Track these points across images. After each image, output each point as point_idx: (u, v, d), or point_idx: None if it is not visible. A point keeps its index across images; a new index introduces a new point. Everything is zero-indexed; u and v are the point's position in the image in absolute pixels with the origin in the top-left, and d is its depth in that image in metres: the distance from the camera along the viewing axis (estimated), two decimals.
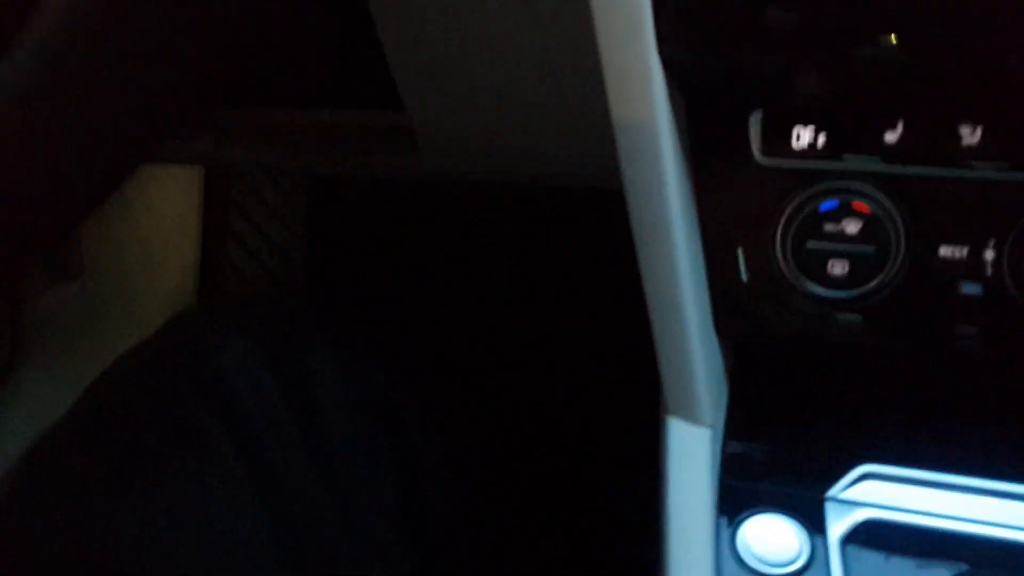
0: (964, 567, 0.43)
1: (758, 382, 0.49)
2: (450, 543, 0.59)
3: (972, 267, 0.43)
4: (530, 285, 1.12)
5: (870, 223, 0.43)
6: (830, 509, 0.45)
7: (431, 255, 1.19)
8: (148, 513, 0.47)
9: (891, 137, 0.43)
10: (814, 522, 0.44)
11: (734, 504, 0.45)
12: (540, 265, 1.12)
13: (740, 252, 0.46)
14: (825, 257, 0.44)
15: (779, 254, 0.45)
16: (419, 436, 0.56)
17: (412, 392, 0.57)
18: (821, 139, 0.44)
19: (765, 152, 0.45)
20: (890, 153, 0.43)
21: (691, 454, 0.46)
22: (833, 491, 0.45)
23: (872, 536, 0.44)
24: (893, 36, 0.39)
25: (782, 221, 0.45)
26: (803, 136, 0.44)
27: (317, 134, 0.76)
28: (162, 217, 1.18)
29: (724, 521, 0.45)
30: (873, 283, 0.43)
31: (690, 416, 0.47)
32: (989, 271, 0.43)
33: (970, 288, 0.43)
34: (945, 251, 0.43)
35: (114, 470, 0.49)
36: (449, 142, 0.71)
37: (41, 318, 1.10)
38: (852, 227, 0.43)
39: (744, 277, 0.46)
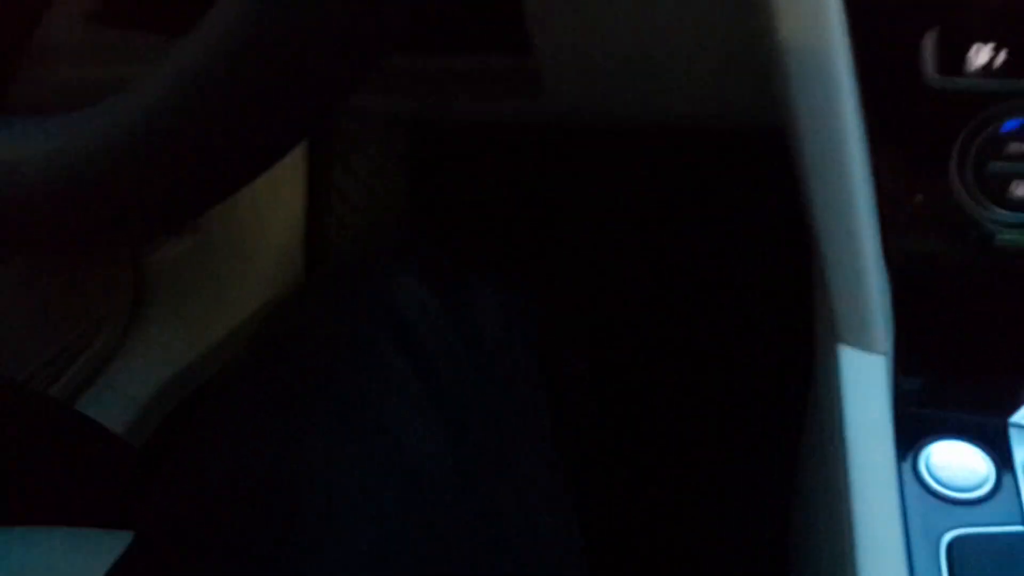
0: None
1: (927, 310, 0.48)
2: (596, 475, 0.60)
3: None
4: (657, 230, 1.11)
5: None
6: (1015, 434, 0.44)
7: (536, 202, 1.19)
8: (339, 435, 0.48)
9: None
10: (998, 447, 0.44)
11: (915, 432, 0.45)
12: (663, 208, 1.11)
13: (917, 174, 0.45)
14: (1008, 178, 0.43)
15: (957, 178, 0.44)
16: (570, 375, 0.57)
17: (563, 331, 0.58)
18: (1001, 57, 0.43)
19: (941, 72, 0.43)
20: None
21: (868, 382, 0.46)
22: (1017, 416, 0.44)
23: None
24: None
25: (959, 144, 0.44)
26: (981, 54, 0.43)
27: (439, 79, 0.76)
28: (269, 173, 1.20)
29: (905, 449, 0.44)
30: None
31: (865, 344, 0.46)
32: None
33: None
34: None
35: (305, 394, 0.50)
36: (577, 84, 0.70)
37: (161, 271, 1.13)
38: None
39: (920, 200, 0.45)
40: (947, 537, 0.41)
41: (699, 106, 0.69)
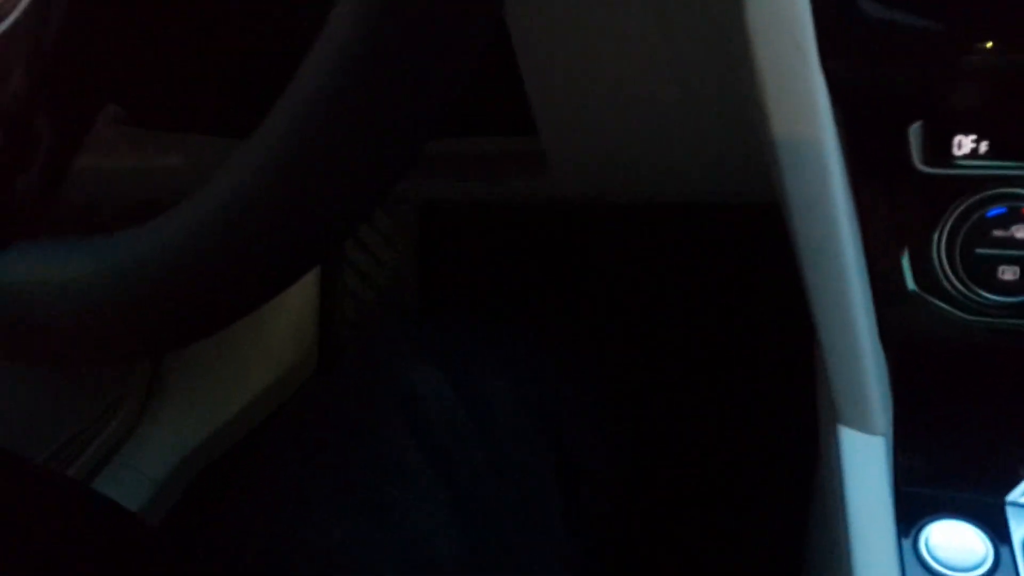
0: None
1: (924, 390, 0.49)
2: (609, 542, 0.61)
3: None
4: (665, 307, 1.13)
5: None
6: (1011, 513, 0.45)
7: (539, 276, 1.21)
8: (350, 519, 0.50)
9: None
10: (996, 527, 0.45)
11: (914, 511, 0.45)
12: (671, 284, 1.13)
13: (905, 261, 0.46)
14: (995, 263, 0.44)
15: (945, 262, 0.45)
16: (582, 453, 0.58)
17: (575, 407, 0.60)
18: (983, 146, 0.44)
19: (926, 162, 0.45)
20: None
21: (866, 463, 0.47)
22: (1014, 495, 0.45)
23: None
24: None
25: (947, 228, 0.45)
26: (964, 144, 0.45)
27: (447, 161, 0.78)
28: None
29: (905, 528, 0.45)
30: None
31: (863, 425, 0.47)
32: None
33: None
34: None
35: (315, 477, 0.52)
36: (580, 164, 0.72)
37: (176, 351, 1.14)
38: (1021, 232, 0.44)
39: (910, 286, 0.47)
40: None
41: (700, 185, 0.71)
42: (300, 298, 1.23)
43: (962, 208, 0.45)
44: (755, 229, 0.79)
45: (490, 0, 0.33)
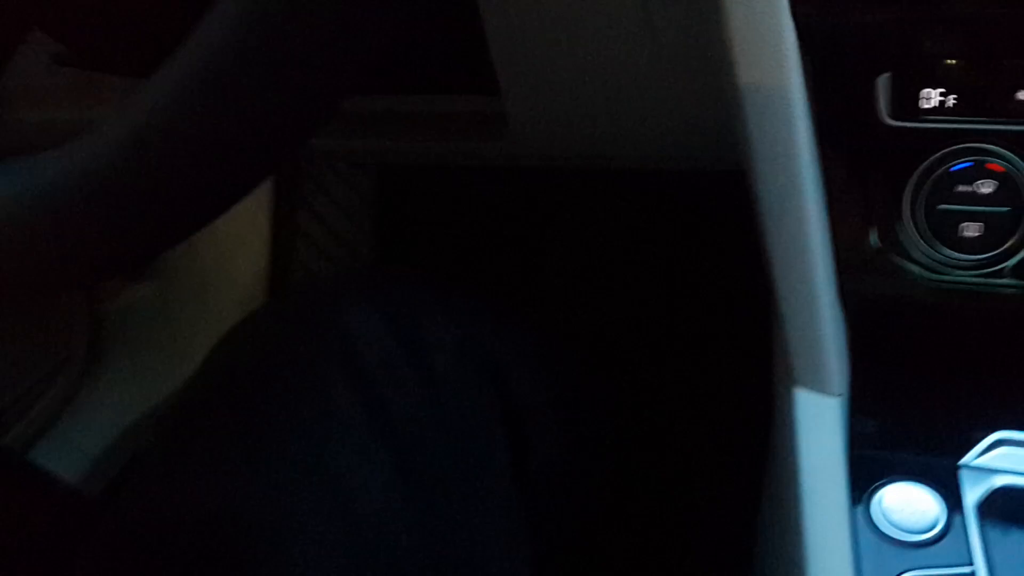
0: None
1: (882, 351, 0.48)
2: (557, 500, 0.59)
3: None
4: (619, 271, 1.12)
5: (1004, 183, 0.42)
6: (965, 476, 0.44)
7: (501, 244, 1.19)
8: (284, 479, 0.47)
9: (1023, 95, 0.42)
10: (949, 490, 0.44)
11: (867, 474, 0.44)
12: (627, 248, 1.12)
13: (870, 217, 0.45)
14: (958, 219, 0.43)
15: (910, 217, 0.44)
16: (529, 399, 0.56)
17: (522, 360, 0.58)
18: (951, 100, 0.43)
19: (893, 115, 0.44)
20: (1021, 111, 0.42)
21: (822, 425, 0.46)
22: (967, 458, 0.44)
23: (1008, 503, 0.43)
24: None
25: (912, 184, 0.44)
26: (932, 98, 0.43)
27: (404, 121, 0.76)
28: (233, 217, 1.19)
29: (858, 491, 0.44)
30: (1008, 243, 0.43)
31: (819, 386, 0.46)
32: None
33: None
34: None
35: (249, 430, 0.49)
36: (541, 125, 0.71)
37: (119, 317, 1.12)
38: (986, 188, 0.43)
39: (873, 242, 0.45)
40: None
41: (662, 148, 0.70)
42: (249, 269, 1.20)
43: (927, 163, 0.44)
44: (716, 195, 0.78)
45: None
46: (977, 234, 0.43)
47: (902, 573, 0.41)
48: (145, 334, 1.15)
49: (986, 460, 0.44)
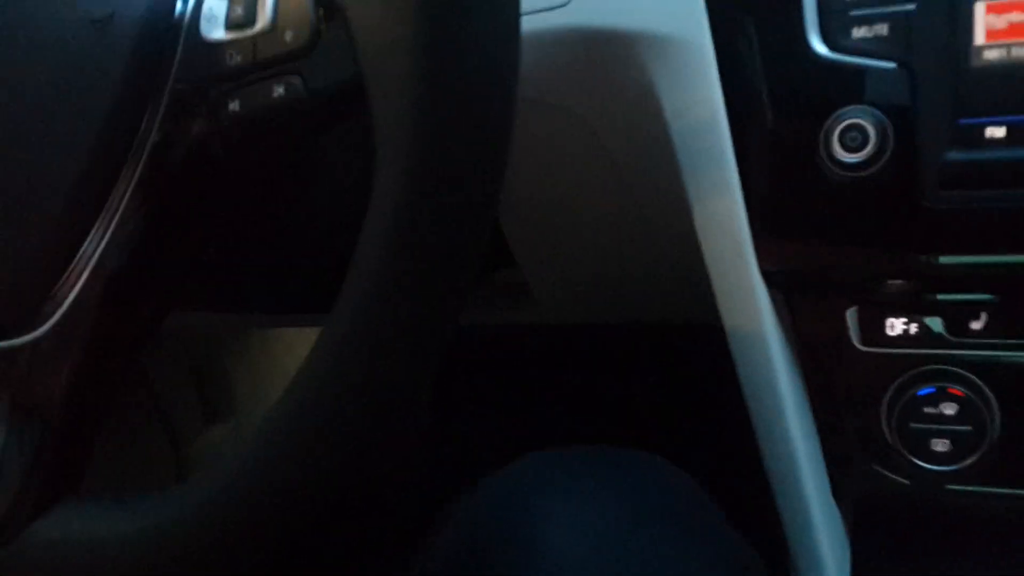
0: None
1: (878, 543, 0.54)
2: None
3: None
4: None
5: (965, 405, 0.48)
6: None
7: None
8: None
9: (976, 325, 0.48)
10: None
11: None
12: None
13: (852, 430, 0.51)
14: (927, 436, 0.49)
15: (886, 432, 0.50)
16: None
17: None
18: (913, 328, 0.49)
19: (864, 342, 0.50)
20: (976, 340, 0.48)
21: None
22: None
23: None
24: None
25: (885, 402, 0.50)
26: (896, 327, 0.49)
27: None
28: (299, 353, 1.27)
29: None
30: (972, 459, 0.48)
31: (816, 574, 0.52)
32: None
33: None
34: None
35: None
36: (559, 293, 0.78)
37: (199, 457, 1.19)
38: (949, 410, 0.48)
39: (857, 455, 0.51)
40: None
41: (669, 311, 0.76)
42: None
43: (895, 385, 0.49)
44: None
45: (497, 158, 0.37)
46: (946, 449, 0.49)
47: None
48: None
49: None
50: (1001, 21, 0.43)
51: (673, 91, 0.49)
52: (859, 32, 0.45)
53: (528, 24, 0.49)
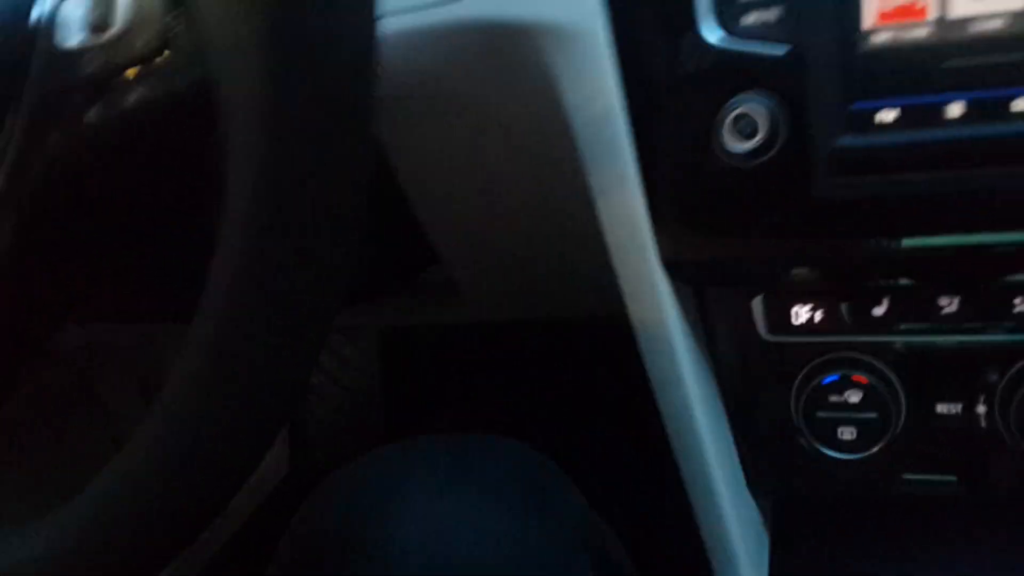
0: None
1: (795, 536, 0.53)
2: None
3: (967, 420, 0.47)
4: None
5: (870, 392, 0.48)
6: None
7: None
8: None
9: (879, 311, 0.48)
10: None
11: None
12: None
13: (763, 421, 0.51)
14: (835, 425, 0.49)
15: (795, 421, 0.50)
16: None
17: None
18: (818, 316, 0.49)
19: (770, 331, 0.50)
20: (879, 325, 0.48)
21: None
22: None
23: None
24: None
25: (793, 391, 0.50)
26: (801, 315, 0.49)
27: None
28: None
29: None
30: (879, 446, 0.48)
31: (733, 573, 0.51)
32: (984, 423, 0.47)
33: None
34: (942, 408, 0.47)
35: None
36: (485, 291, 0.77)
37: None
38: (854, 397, 0.48)
39: (768, 444, 0.51)
40: None
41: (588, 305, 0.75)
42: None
43: (802, 374, 0.49)
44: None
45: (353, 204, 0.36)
46: (852, 437, 0.48)
47: None
48: None
49: None
50: (890, 3, 0.44)
51: (573, 83, 0.49)
52: (751, 18, 0.45)
53: (425, 18, 0.50)
